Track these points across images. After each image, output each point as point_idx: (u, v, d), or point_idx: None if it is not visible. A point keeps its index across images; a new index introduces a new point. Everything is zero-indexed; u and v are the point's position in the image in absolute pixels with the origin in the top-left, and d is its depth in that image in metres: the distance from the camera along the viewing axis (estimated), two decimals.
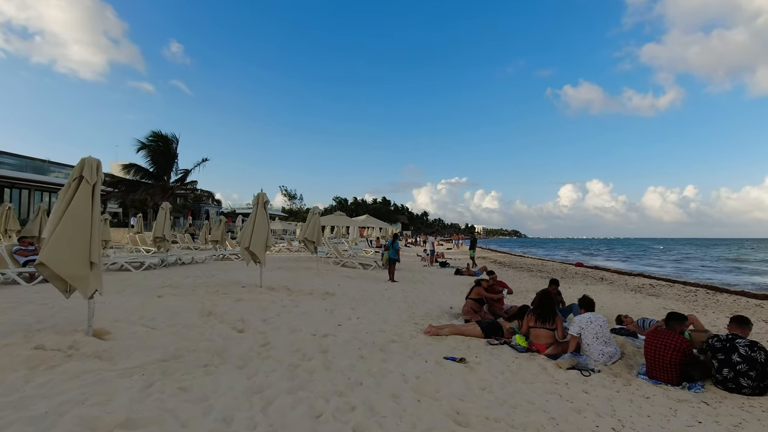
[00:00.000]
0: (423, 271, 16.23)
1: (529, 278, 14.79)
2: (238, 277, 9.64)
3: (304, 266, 13.37)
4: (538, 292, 6.99)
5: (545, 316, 5.18)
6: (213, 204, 70.58)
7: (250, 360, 4.09)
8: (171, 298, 6.58)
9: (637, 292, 11.23)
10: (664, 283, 12.98)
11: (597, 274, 16.41)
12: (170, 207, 12.01)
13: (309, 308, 6.89)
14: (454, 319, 7.17)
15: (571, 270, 18.00)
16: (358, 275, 12.77)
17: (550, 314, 5.19)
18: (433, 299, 9.12)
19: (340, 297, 8.43)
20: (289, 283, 9.52)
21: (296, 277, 10.78)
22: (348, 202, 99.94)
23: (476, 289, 7.23)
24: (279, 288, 8.50)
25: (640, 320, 6.57)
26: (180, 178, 32.48)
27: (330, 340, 5.05)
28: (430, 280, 12.99)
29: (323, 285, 9.75)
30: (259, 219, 7.86)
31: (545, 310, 5.23)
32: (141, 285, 8.28)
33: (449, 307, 8.16)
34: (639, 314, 8.13)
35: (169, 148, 31.60)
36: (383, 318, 6.65)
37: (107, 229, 16.34)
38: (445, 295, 9.85)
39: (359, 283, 10.83)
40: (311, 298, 7.97)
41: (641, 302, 9.48)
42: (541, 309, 5.27)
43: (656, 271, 20.58)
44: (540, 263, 23.02)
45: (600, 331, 4.81)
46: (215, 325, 5.21)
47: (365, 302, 8.09)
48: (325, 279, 10.93)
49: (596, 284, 13.04)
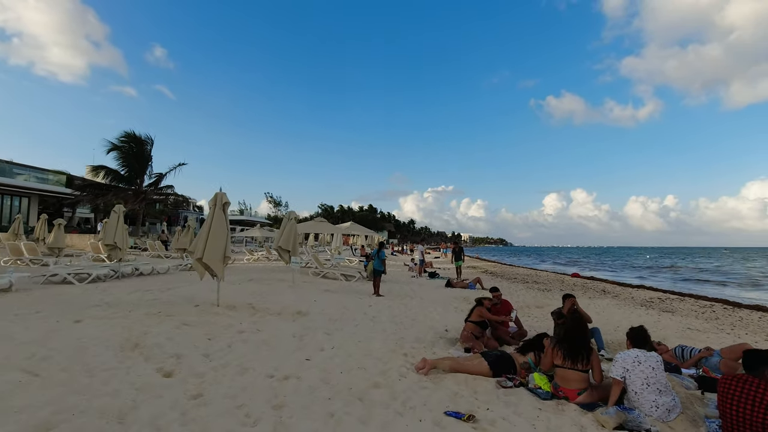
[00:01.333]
0: (411, 282, 14.96)
1: (525, 290, 13.65)
2: (195, 293, 8.20)
3: (278, 278, 11.97)
4: (566, 314, 5.81)
5: (576, 353, 3.95)
6: (195, 210, 68.51)
7: (164, 429, 2.76)
8: (92, 323, 5.16)
9: (648, 308, 10.16)
10: (673, 297, 12.00)
11: (597, 285, 15.38)
12: (124, 210, 10.53)
13: (273, 335, 5.53)
14: (451, 346, 5.91)
15: (568, 281, 16.95)
16: (340, 288, 11.43)
17: (582, 350, 3.96)
18: (424, 318, 7.85)
19: (315, 317, 7.09)
20: (256, 299, 8.13)
21: (266, 291, 9.38)
22: (334, 210, 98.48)
23: (478, 309, 6.00)
24: (241, 306, 7.11)
25: (677, 348, 5.42)
26: (154, 182, 30.63)
27: (290, 386, 3.74)
28: (420, 293, 11.73)
29: (296, 301, 8.38)
30: (216, 224, 6.51)
31: (577, 343, 4.00)
32: (70, 303, 6.80)
33: (444, 329, 6.90)
34: (661, 336, 7.02)
35: (143, 149, 29.78)
36: (365, 347, 5.35)
37: (61, 235, 14.69)
38: (438, 313, 8.59)
39: (340, 298, 9.49)
40: (279, 319, 6.61)
41: (659, 320, 8.37)
42: (571, 342, 4.03)
43: (656, 283, 19.69)
44: (533, 273, 21.94)
45: (652, 375, 3.59)
46: (134, 367, 3.83)
47: (344, 324, 6.77)
48: (300, 293, 9.56)
49: (600, 297, 11.95)
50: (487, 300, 6.29)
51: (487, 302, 6.20)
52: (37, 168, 34.07)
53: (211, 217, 6.52)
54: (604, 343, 5.80)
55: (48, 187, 31.09)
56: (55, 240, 14.54)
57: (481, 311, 5.96)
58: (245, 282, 10.86)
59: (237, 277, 12.25)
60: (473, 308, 6.12)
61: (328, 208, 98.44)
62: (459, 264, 18.20)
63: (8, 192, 28.33)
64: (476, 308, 6.05)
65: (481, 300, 6.20)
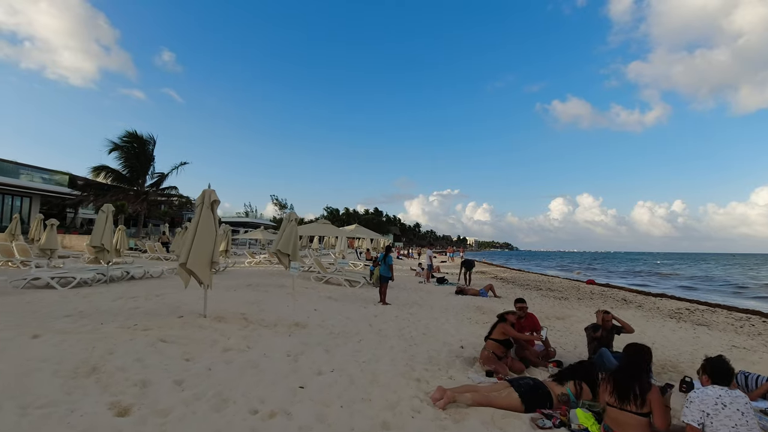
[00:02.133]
0: (419, 289, 14.15)
1: (540, 299, 12.79)
2: (184, 301, 7.47)
3: (278, 283, 11.22)
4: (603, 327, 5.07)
5: (625, 389, 3.14)
6: None
7: None
8: (52, 338, 4.41)
9: (679, 320, 9.27)
10: (702, 308, 11.09)
11: (616, 294, 14.45)
12: (113, 209, 9.84)
13: (263, 353, 4.77)
14: (469, 367, 5.11)
15: (584, 289, 16.02)
16: (343, 295, 10.65)
17: (634, 385, 3.14)
18: (436, 331, 7.04)
19: (314, 330, 6.32)
20: (250, 308, 7.37)
21: (263, 299, 8.62)
22: (339, 213, 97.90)
23: (501, 326, 5.19)
24: (232, 317, 6.35)
25: (739, 375, 4.58)
26: (156, 183, 30.12)
27: (277, 428, 2.97)
28: (429, 301, 10.92)
29: (295, 311, 7.62)
30: (204, 225, 5.76)
31: (632, 377, 3.19)
32: (38, 312, 6.08)
33: (459, 346, 6.10)
34: (706, 354, 6.16)
35: (145, 149, 29.31)
36: (371, 370, 4.57)
37: (53, 236, 14.04)
38: (451, 325, 7.78)
39: (343, 307, 8.72)
40: (273, 333, 5.84)
41: (699, 336, 7.51)
42: (626, 375, 3.22)
43: (673, 291, 18.68)
44: (547, 280, 20.97)
45: (742, 423, 2.77)
46: (82, 401, 3.08)
47: (347, 338, 5.99)
48: (299, 302, 8.79)
49: (623, 307, 11.07)
50: (511, 314, 5.47)
51: (511, 317, 5.39)
52: (41, 168, 33.63)
53: (197, 217, 5.78)
54: None
55: (48, 186, 30.62)
56: (48, 241, 13.86)
57: (504, 328, 5.16)
58: (242, 288, 10.11)
59: (234, 281, 11.52)
60: (495, 324, 5.33)
61: (334, 211, 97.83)
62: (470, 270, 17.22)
63: (9, 192, 27.88)
64: (499, 324, 5.25)
65: (505, 315, 5.39)
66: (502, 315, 5.38)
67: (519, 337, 5.23)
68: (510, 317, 5.36)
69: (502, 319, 5.30)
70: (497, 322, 5.32)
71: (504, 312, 5.47)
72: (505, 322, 5.26)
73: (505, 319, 5.29)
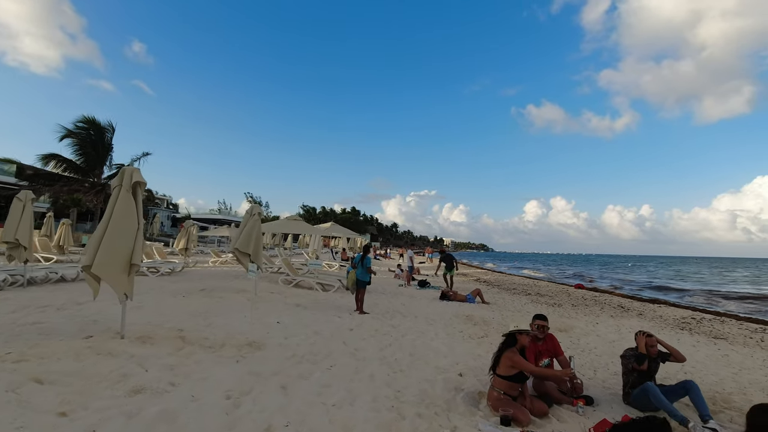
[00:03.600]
0: (399, 293, 12.87)
1: (532, 305, 11.72)
2: (107, 312, 5.90)
3: (238, 288, 9.69)
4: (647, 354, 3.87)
5: None
6: (170, 207, 64.99)
7: None
8: None
9: (692, 332, 8.33)
10: (709, 316, 10.27)
11: (610, 299, 13.58)
12: (32, 197, 8.09)
13: (190, 396, 3.35)
14: (474, 407, 3.83)
15: (576, 294, 15.11)
16: (314, 302, 9.24)
17: None
18: (425, 352, 5.74)
19: (272, 352, 4.92)
20: (194, 322, 5.89)
21: (215, 308, 7.13)
22: (316, 211, 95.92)
23: (508, 355, 3.84)
24: (163, 336, 4.87)
25: None
26: (114, 174, 27.68)
27: None
28: (412, 309, 9.64)
29: (252, 325, 6.18)
30: (120, 215, 4.26)
31: None
32: None
33: (457, 374, 4.82)
34: (751, 381, 5.15)
35: (103, 137, 26.89)
36: (342, 420, 3.23)
37: None
38: (441, 340, 6.51)
39: (312, 318, 7.32)
40: (216, 359, 4.41)
41: (727, 354, 6.52)
42: None
43: (660, 295, 18.10)
44: (532, 283, 20.03)
45: None
46: None
47: (314, 366, 4.62)
48: (260, 311, 7.34)
49: (623, 316, 10.10)
50: (522, 334, 4.11)
51: (523, 338, 4.03)
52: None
53: (112, 204, 4.27)
54: (707, 408, 3.81)
55: None
56: None
57: (514, 360, 3.79)
58: (193, 294, 8.55)
59: (187, 285, 9.91)
60: (501, 350, 3.98)
61: (310, 209, 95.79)
62: (452, 272, 15.10)
63: None
64: (506, 352, 3.89)
65: (514, 336, 4.05)
66: (511, 336, 4.04)
67: (542, 374, 3.95)
68: (522, 339, 4.00)
69: (510, 343, 3.97)
70: (502, 346, 3.99)
71: (512, 331, 4.03)
72: (512, 348, 3.92)
73: (513, 343, 3.96)
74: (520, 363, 3.80)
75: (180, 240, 16.30)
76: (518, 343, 3.96)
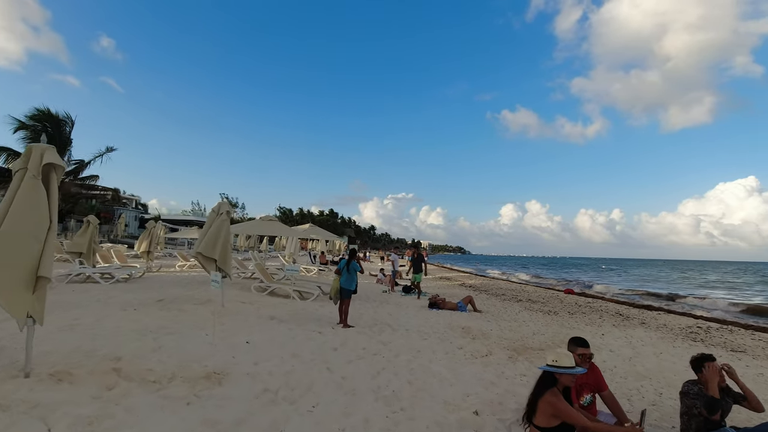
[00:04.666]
0: (384, 300, 11.88)
1: (527, 313, 10.94)
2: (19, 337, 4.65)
3: (203, 297, 8.47)
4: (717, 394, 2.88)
5: None
6: (139, 207, 61.96)
7: None
8: None
9: (705, 343, 7.68)
10: (715, 325, 9.72)
11: (604, 306, 12.96)
12: None
13: None
14: None
15: (568, 300, 14.46)
16: (292, 313, 8.14)
17: None
18: (426, 379, 4.76)
19: (237, 387, 3.83)
20: (140, 345, 4.71)
21: (168, 325, 5.95)
22: (293, 213, 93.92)
23: (548, 399, 2.84)
24: (89, 370, 3.71)
25: None
26: (73, 171, 25.59)
27: None
28: (401, 320, 8.67)
29: (214, 347, 5.05)
30: (21, 207, 3.10)
31: None
32: None
33: (473, 412, 3.85)
34: None
35: (60, 131, 24.79)
36: None
37: None
38: (441, 362, 5.55)
39: (289, 334, 6.24)
40: (158, 401, 3.30)
41: (761, 373, 5.81)
42: None
43: (652, 301, 17.74)
44: (520, 288, 19.36)
45: None
46: None
47: (292, 406, 3.58)
48: (227, 328, 6.20)
49: (627, 325, 9.42)
50: (565, 376, 2.91)
51: (566, 379, 2.94)
52: None
53: (11, 194, 3.10)
54: None
55: None
56: None
57: (556, 405, 2.82)
58: (148, 305, 7.31)
59: (143, 295, 8.61)
60: (537, 394, 3.00)
61: (287, 211, 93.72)
62: (418, 278, 13.33)
63: None
64: (544, 397, 2.94)
65: (552, 376, 2.93)
66: (548, 379, 2.93)
67: (598, 430, 2.96)
68: (565, 380, 2.93)
69: (547, 383, 3.01)
70: (540, 388, 3.01)
71: (550, 367, 2.94)
72: (553, 386, 2.98)
73: (553, 381, 3.01)
74: (567, 412, 2.84)
75: (142, 242, 14.80)
76: (559, 382, 3.00)
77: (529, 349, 6.60)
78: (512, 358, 6.03)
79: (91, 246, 11.08)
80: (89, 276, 10.35)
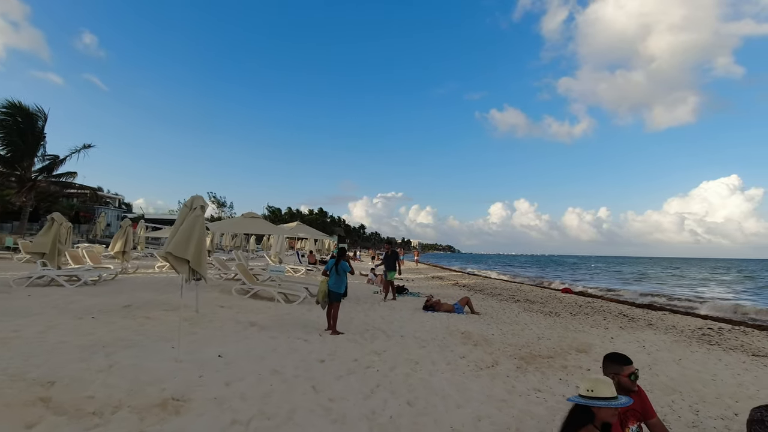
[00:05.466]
0: (375, 302, 11.18)
1: (527, 315, 10.33)
2: None
3: (175, 303, 7.66)
4: None
5: None
6: (122, 207, 60.15)
7: None
8: None
9: (725, 348, 7.13)
10: (726, 326, 9.22)
11: (606, 306, 12.41)
12: None
13: None
14: None
15: (567, 300, 13.90)
16: (275, 318, 7.39)
17: None
18: (428, 398, 4.07)
19: (198, 422, 3.09)
20: (85, 363, 3.93)
21: (128, 336, 5.16)
22: (282, 212, 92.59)
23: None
24: (8, 401, 2.93)
25: None
26: (47, 167, 24.31)
27: None
28: (394, 324, 7.97)
29: (179, 363, 4.28)
30: None
31: None
32: None
33: None
34: None
35: (33, 125, 23.52)
36: None
37: None
38: (443, 375, 4.86)
39: (270, 344, 5.50)
40: None
41: None
42: None
43: (652, 299, 17.30)
44: (516, 287, 18.77)
45: None
46: None
47: None
48: (197, 338, 5.43)
49: (634, 327, 8.86)
50: (604, 410, 2.24)
51: (607, 414, 2.26)
52: None
53: None
54: None
55: None
56: None
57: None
58: (111, 312, 6.48)
59: (108, 299, 7.77)
60: (571, 421, 2.36)
61: (276, 210, 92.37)
62: (391, 276, 12.19)
63: None
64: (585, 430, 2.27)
65: (590, 413, 2.25)
66: (583, 414, 2.29)
67: None
68: (605, 415, 2.26)
69: (583, 418, 2.30)
70: (573, 423, 2.36)
71: (584, 399, 2.28)
72: (590, 423, 2.30)
73: (590, 417, 2.35)
74: None
75: (116, 242, 13.79)
76: (597, 417, 2.31)
77: (538, 357, 5.95)
78: (521, 368, 5.38)
79: (55, 246, 10.13)
80: (53, 279, 9.43)
